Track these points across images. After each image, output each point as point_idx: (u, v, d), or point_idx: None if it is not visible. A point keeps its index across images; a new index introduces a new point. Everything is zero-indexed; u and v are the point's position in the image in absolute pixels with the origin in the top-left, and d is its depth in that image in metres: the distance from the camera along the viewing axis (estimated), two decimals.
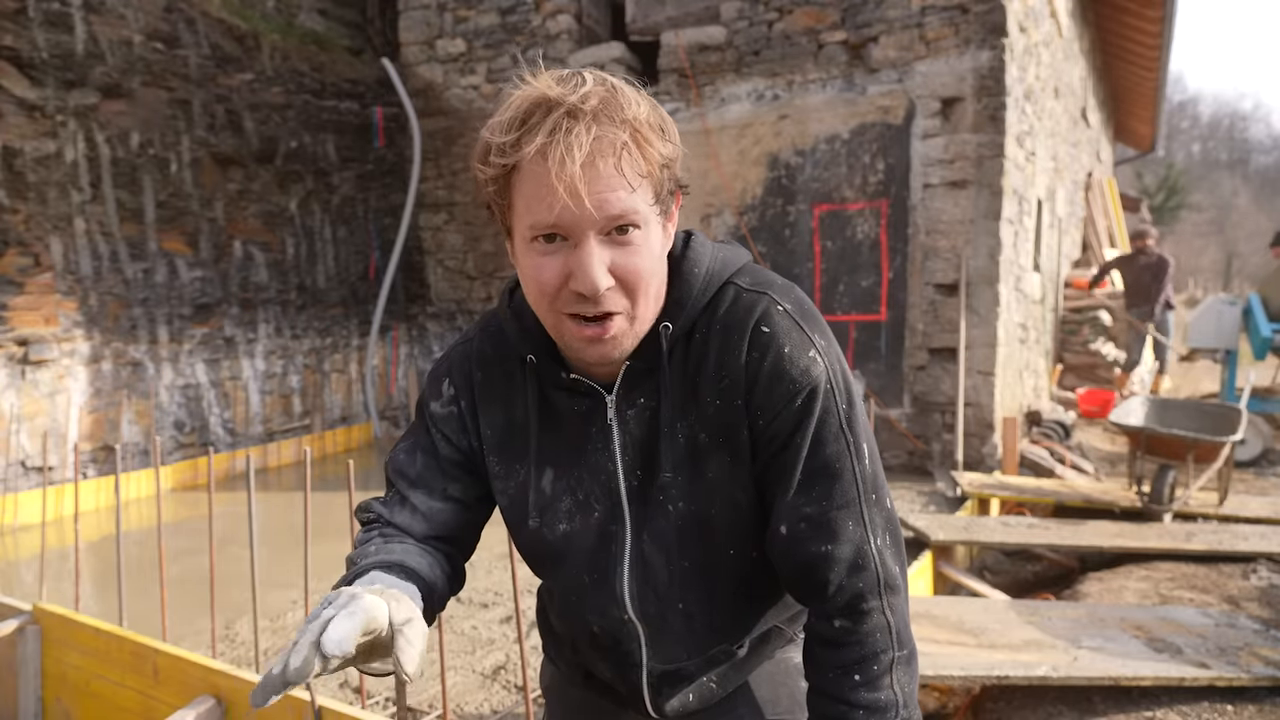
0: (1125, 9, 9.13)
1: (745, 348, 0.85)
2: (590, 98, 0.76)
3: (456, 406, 0.98)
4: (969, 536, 3.76)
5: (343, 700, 2.69)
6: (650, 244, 0.81)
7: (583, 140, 0.74)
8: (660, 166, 0.80)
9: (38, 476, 5.17)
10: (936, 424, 5.64)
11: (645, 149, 0.78)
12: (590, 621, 0.97)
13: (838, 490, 0.85)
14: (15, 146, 5.14)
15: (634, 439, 0.91)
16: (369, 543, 0.93)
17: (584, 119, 0.75)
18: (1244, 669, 2.35)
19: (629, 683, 0.99)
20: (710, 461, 0.89)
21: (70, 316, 5.43)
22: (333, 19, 7.75)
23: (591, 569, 0.95)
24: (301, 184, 7.03)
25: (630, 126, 0.77)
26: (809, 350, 0.85)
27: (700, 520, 0.90)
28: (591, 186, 0.75)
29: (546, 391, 0.94)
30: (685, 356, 0.89)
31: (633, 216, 0.78)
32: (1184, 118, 52.31)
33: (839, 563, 0.84)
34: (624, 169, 0.76)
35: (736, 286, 0.89)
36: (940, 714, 2.70)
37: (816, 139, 5.91)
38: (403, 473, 0.98)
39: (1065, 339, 8.56)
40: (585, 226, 0.77)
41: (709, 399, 0.87)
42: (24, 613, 2.50)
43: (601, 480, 0.92)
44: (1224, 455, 4.20)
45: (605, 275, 0.78)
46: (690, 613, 0.95)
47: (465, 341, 1.01)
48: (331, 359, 7.32)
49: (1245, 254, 35.90)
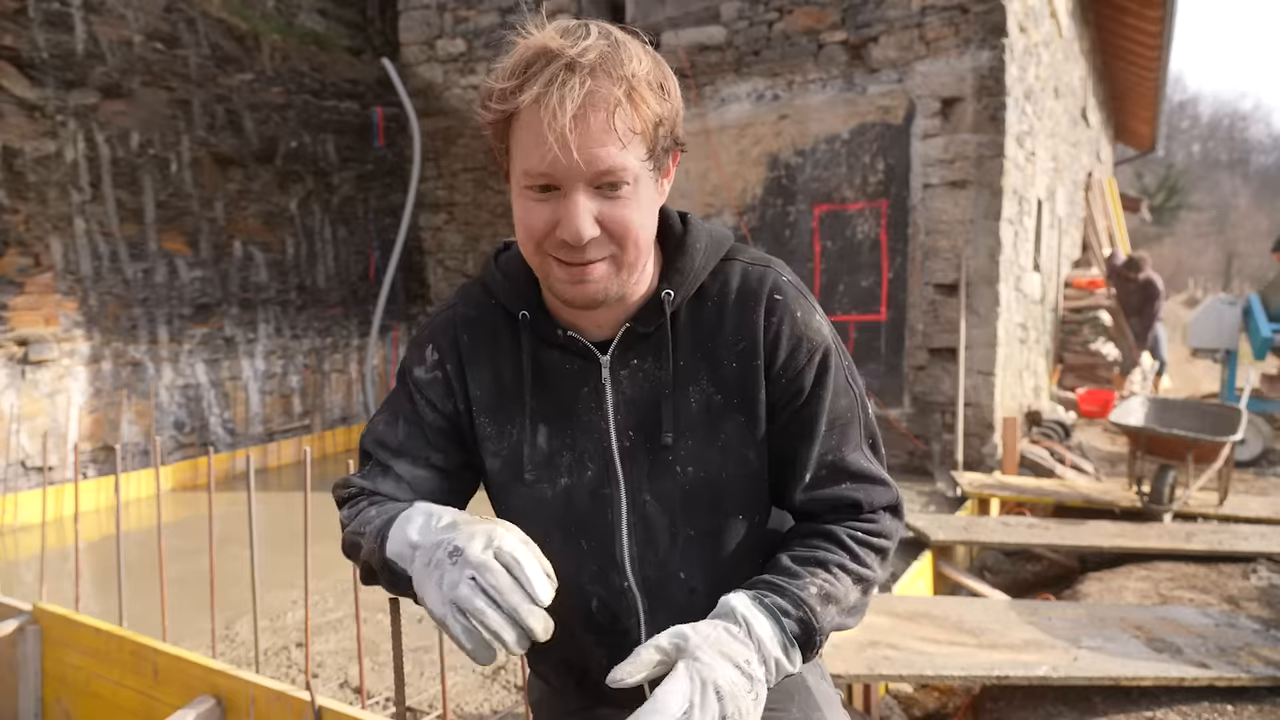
0: (1125, 9, 9.13)
1: (762, 314, 0.91)
2: (589, 51, 0.77)
3: (442, 371, 0.97)
4: (969, 536, 3.76)
5: (342, 700, 2.69)
6: (640, 198, 0.83)
7: (576, 93, 0.75)
8: (655, 124, 0.81)
9: (38, 476, 5.17)
10: (936, 424, 5.63)
11: (640, 106, 0.79)
12: (589, 594, 0.96)
13: (852, 434, 0.94)
14: (15, 146, 5.14)
15: (627, 400, 0.92)
16: (364, 511, 0.93)
17: (580, 72, 0.76)
18: (1244, 669, 2.35)
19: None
20: (726, 423, 0.92)
21: (70, 316, 5.43)
22: (333, 19, 7.75)
23: (589, 533, 0.94)
24: (301, 184, 7.03)
25: (627, 83, 0.77)
26: (815, 314, 0.93)
27: (710, 484, 0.92)
28: (581, 140, 0.76)
29: (538, 350, 0.94)
30: (696, 322, 0.92)
31: (621, 173, 0.79)
32: (1184, 118, 52.30)
33: (856, 493, 0.93)
34: (616, 124, 0.77)
35: (741, 261, 0.95)
36: (940, 714, 2.70)
37: (816, 139, 5.91)
38: (383, 443, 0.97)
39: (1065, 339, 8.56)
40: (574, 178, 0.78)
41: (727, 362, 0.91)
42: (24, 613, 2.50)
43: (594, 438, 0.93)
44: (1224, 455, 4.20)
45: (591, 226, 0.80)
46: (693, 586, 0.95)
47: (447, 308, 1.01)
48: (331, 359, 7.32)
49: (1245, 254, 35.87)
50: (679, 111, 0.85)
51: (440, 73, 7.57)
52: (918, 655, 2.33)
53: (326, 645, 3.19)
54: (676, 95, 0.84)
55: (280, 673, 2.98)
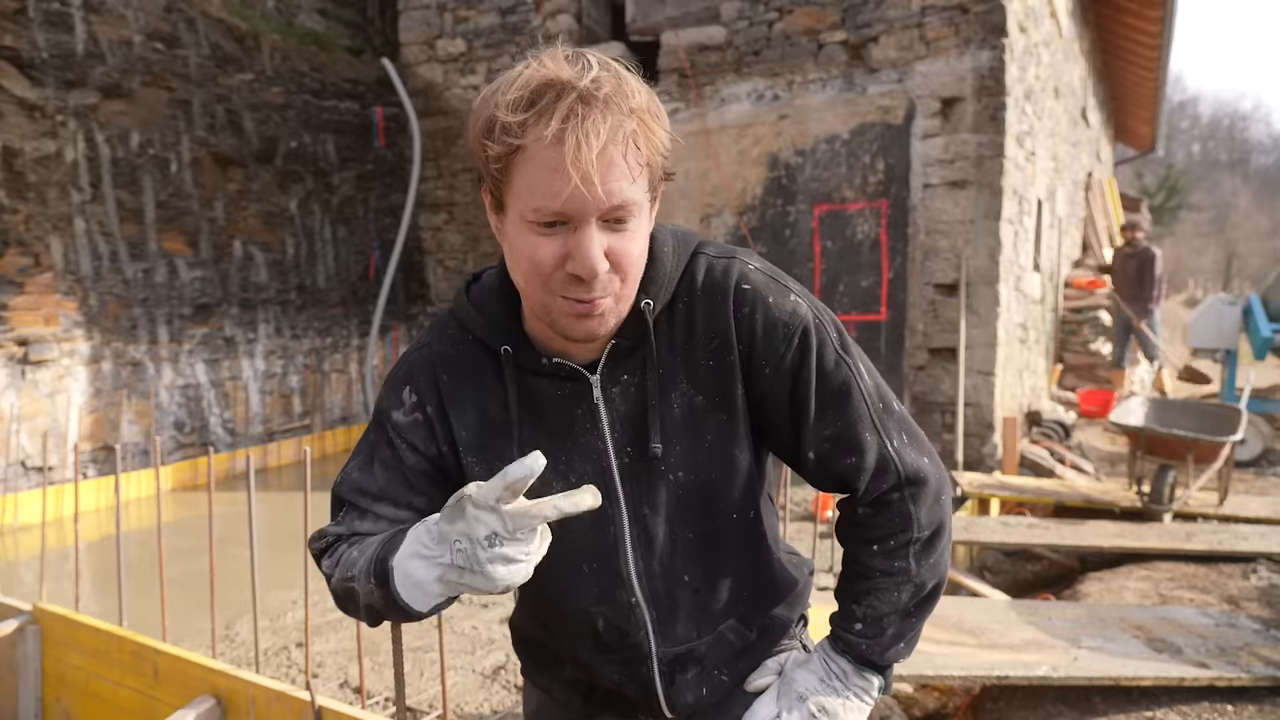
0: (1125, 9, 9.13)
1: (731, 307, 0.89)
2: (602, 84, 0.75)
3: (422, 413, 0.94)
4: (969, 536, 3.76)
5: (342, 700, 2.69)
6: (641, 230, 0.83)
7: (600, 128, 0.74)
8: (660, 155, 0.81)
9: (38, 476, 5.17)
10: (936, 424, 5.63)
11: (649, 138, 0.79)
12: (594, 615, 0.96)
13: (850, 408, 0.90)
14: (15, 146, 5.14)
15: (621, 416, 0.92)
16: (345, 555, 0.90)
17: (597, 105, 0.74)
18: (1244, 669, 2.35)
19: (639, 680, 0.98)
20: (709, 423, 0.92)
21: (70, 316, 5.43)
22: (333, 19, 7.75)
23: (590, 556, 0.94)
24: (301, 184, 7.03)
25: (637, 116, 0.77)
26: (789, 296, 0.91)
27: (702, 486, 0.93)
28: (604, 175, 0.75)
29: (525, 380, 0.93)
30: (670, 327, 0.91)
31: (632, 207, 0.79)
32: (1184, 118, 52.32)
33: (864, 471, 0.91)
34: (629, 159, 0.77)
35: (706, 256, 0.93)
36: (940, 714, 2.70)
37: (816, 139, 5.91)
38: (362, 489, 0.94)
39: (1065, 339, 8.56)
40: (590, 213, 0.77)
41: (703, 361, 0.91)
42: (24, 613, 2.50)
43: (593, 459, 0.93)
44: (1224, 455, 4.19)
45: (603, 260, 0.79)
46: (697, 587, 0.96)
47: (422, 347, 0.98)
48: (331, 359, 7.32)
49: (1245, 254, 35.89)
50: (669, 141, 0.84)
51: (440, 73, 7.57)
52: (918, 655, 2.33)
53: (326, 645, 3.19)
54: (667, 124, 0.83)
55: (280, 673, 2.98)
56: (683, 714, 1.00)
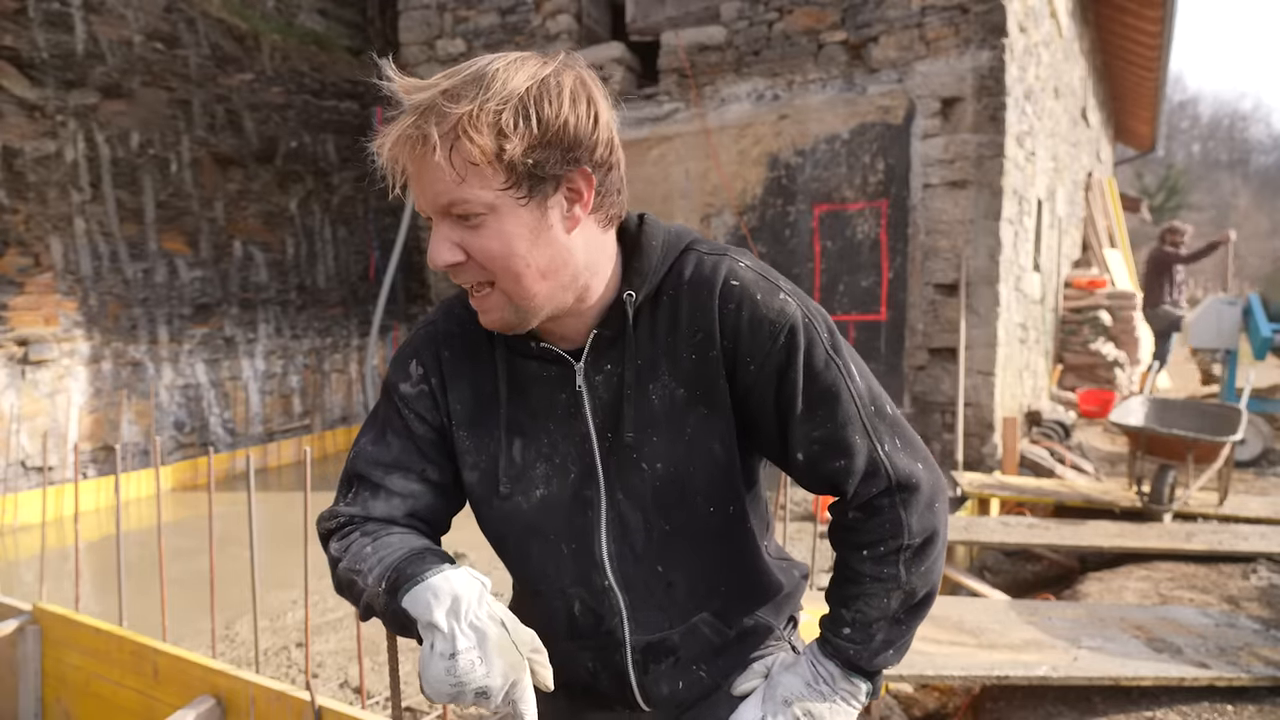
0: (1125, 9, 9.13)
1: (717, 303, 0.89)
2: (425, 90, 0.81)
3: (427, 385, 0.98)
4: (969, 536, 3.76)
5: (343, 700, 2.69)
6: (504, 228, 0.83)
7: (413, 135, 0.80)
8: (496, 154, 0.79)
9: (38, 476, 5.17)
10: (936, 424, 5.63)
11: (471, 141, 0.78)
12: (571, 596, 0.97)
13: (839, 410, 0.89)
14: (15, 146, 5.15)
15: (603, 403, 0.93)
16: (355, 543, 0.91)
17: (415, 114, 0.80)
18: (1244, 669, 2.35)
19: (613, 668, 0.98)
20: (690, 416, 0.92)
21: (70, 316, 5.43)
22: (333, 19, 7.75)
23: (570, 536, 0.95)
24: (301, 184, 7.03)
25: (467, 117, 0.78)
26: (778, 294, 0.90)
27: (679, 479, 0.93)
28: (425, 176, 0.81)
29: (515, 362, 0.96)
30: (654, 319, 0.92)
31: (463, 206, 0.82)
32: (1184, 118, 52.33)
33: (854, 474, 0.90)
34: (453, 160, 0.79)
35: (697, 252, 0.93)
36: (940, 714, 2.70)
37: (816, 139, 5.91)
38: (376, 460, 0.96)
39: (1065, 339, 8.56)
40: (430, 210, 0.84)
41: (685, 355, 0.91)
42: (24, 613, 2.50)
43: (576, 442, 0.94)
44: (1224, 455, 4.19)
45: (448, 252, 0.84)
46: (670, 580, 0.97)
47: (429, 324, 1.02)
48: (331, 359, 7.32)
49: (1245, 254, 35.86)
50: (571, 136, 0.81)
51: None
52: (918, 655, 2.33)
53: (326, 645, 3.19)
54: (558, 117, 0.81)
55: (280, 673, 2.98)
56: (659, 707, 1.00)
